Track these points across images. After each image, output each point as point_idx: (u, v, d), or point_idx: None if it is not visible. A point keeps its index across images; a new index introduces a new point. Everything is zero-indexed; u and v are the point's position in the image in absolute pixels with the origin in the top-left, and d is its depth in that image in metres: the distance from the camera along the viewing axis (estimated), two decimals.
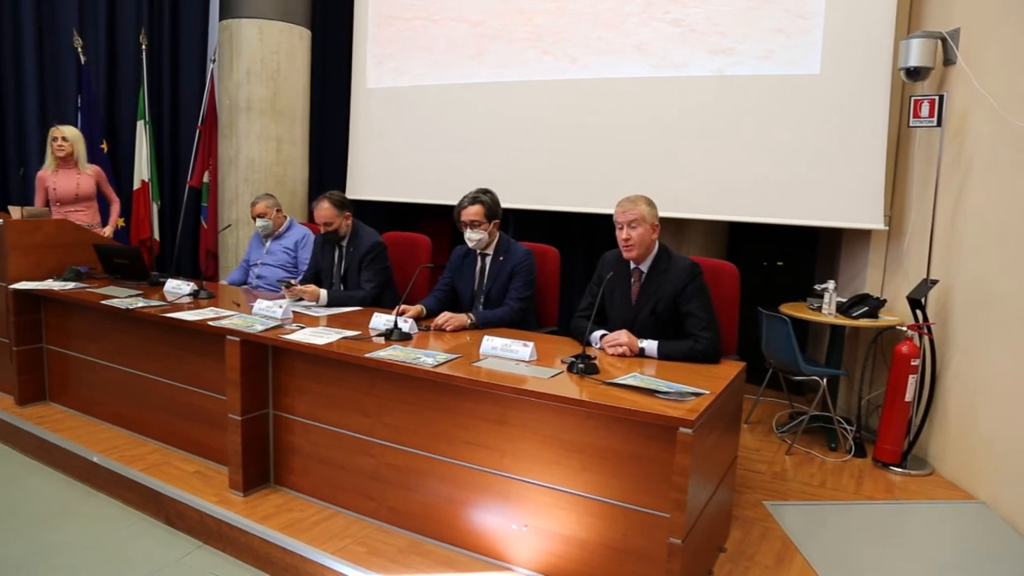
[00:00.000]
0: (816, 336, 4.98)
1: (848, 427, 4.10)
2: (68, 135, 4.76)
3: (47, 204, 4.81)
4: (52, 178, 4.79)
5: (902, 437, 3.74)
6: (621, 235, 2.94)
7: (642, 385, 2.37)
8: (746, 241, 5.33)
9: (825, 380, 3.87)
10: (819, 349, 4.74)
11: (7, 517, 3.13)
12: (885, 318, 3.97)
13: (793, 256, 5.30)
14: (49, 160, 4.81)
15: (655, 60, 4.70)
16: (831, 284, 4.03)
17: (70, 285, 4.05)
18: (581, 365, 2.54)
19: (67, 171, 4.82)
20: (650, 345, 2.81)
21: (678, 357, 2.78)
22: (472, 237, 3.46)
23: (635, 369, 2.61)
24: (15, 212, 4.35)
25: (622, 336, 2.82)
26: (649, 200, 2.96)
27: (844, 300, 4.04)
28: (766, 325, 4.01)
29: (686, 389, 2.34)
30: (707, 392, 2.34)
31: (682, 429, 2.11)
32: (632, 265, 3.02)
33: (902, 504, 3.37)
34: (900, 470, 3.70)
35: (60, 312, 4.10)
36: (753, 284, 4.74)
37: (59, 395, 4.20)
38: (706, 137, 4.56)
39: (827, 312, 4.00)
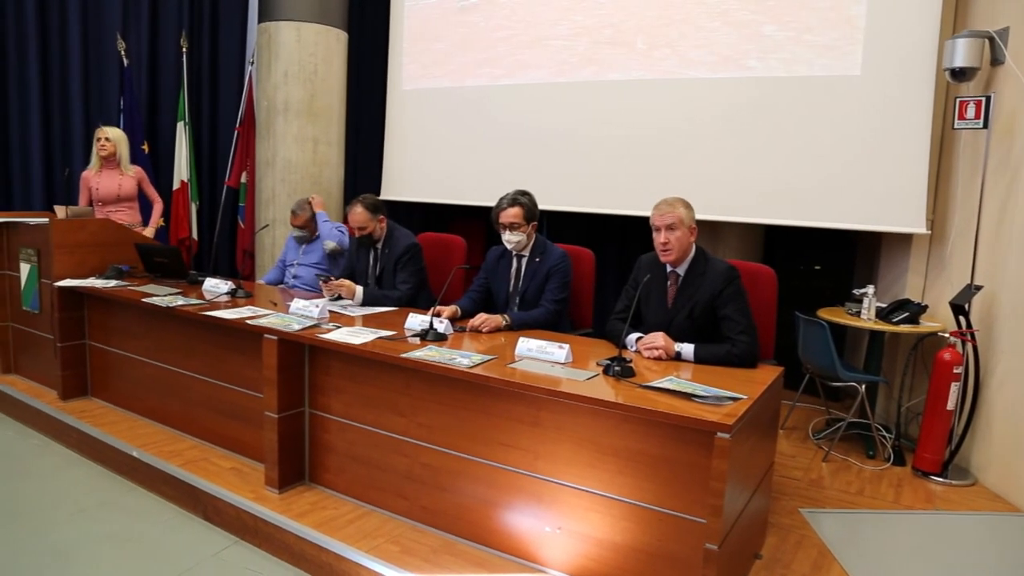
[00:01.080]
0: (854, 342, 4.90)
1: (887, 435, 4.03)
2: (111, 136, 4.86)
3: (90, 204, 4.91)
4: (95, 178, 4.89)
5: (943, 446, 3.66)
6: (659, 238, 2.91)
7: (679, 389, 2.35)
8: (783, 244, 5.26)
9: (864, 387, 3.80)
10: (857, 355, 4.66)
11: (50, 508, 3.20)
12: (926, 324, 3.90)
13: (831, 260, 5.22)
14: (94, 161, 4.92)
15: (692, 61, 4.67)
16: (870, 289, 3.97)
17: (112, 283, 4.13)
18: (617, 368, 2.52)
19: (110, 172, 4.92)
20: (686, 348, 2.78)
21: (715, 361, 2.75)
22: (511, 239, 3.46)
23: (671, 372, 2.59)
24: (60, 212, 4.45)
25: (658, 339, 2.80)
26: (687, 203, 2.93)
27: (884, 305, 3.97)
28: (803, 330, 3.95)
29: (723, 393, 2.32)
30: (745, 397, 2.32)
31: (719, 434, 2.09)
32: (668, 268, 3.00)
33: (943, 515, 3.30)
34: (941, 480, 3.62)
35: (102, 309, 4.19)
36: (790, 288, 4.67)
37: (101, 390, 4.29)
38: (743, 139, 4.52)
39: (866, 317, 3.94)
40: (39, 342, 4.48)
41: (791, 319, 4.03)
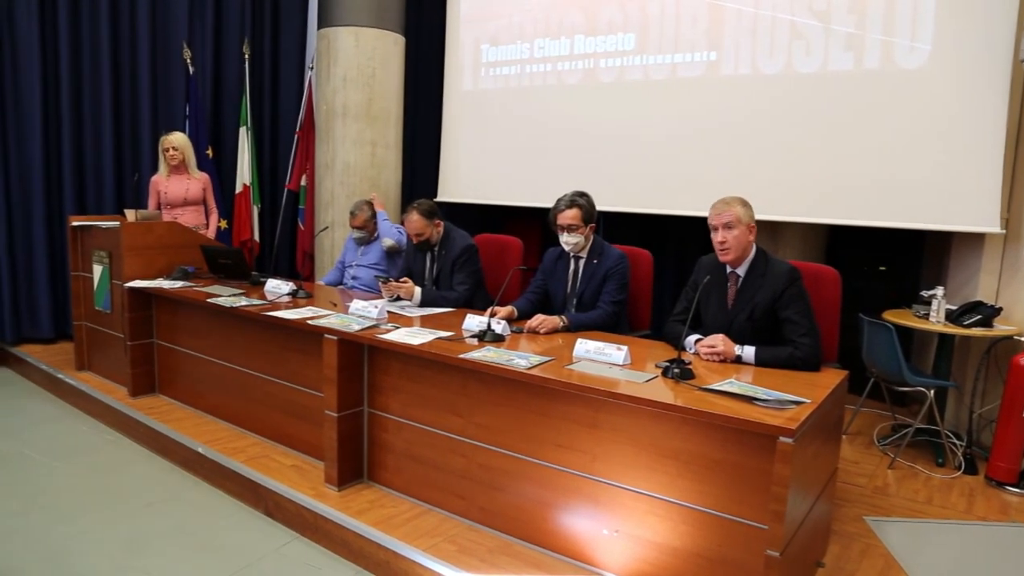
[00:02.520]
0: (921, 345, 4.74)
1: (957, 442, 3.89)
2: (177, 144, 5.01)
3: (158, 207, 5.07)
4: (164, 183, 5.06)
5: (1019, 455, 3.51)
6: (716, 238, 2.87)
7: (740, 392, 2.31)
8: (845, 245, 5.13)
9: (932, 392, 3.68)
10: (925, 359, 4.51)
11: (119, 500, 3.31)
12: (1001, 327, 3.75)
13: (896, 261, 5.07)
14: (162, 167, 5.08)
15: (751, 57, 4.59)
16: (939, 290, 3.84)
17: (178, 284, 4.26)
18: (676, 370, 2.49)
19: (178, 176, 5.08)
20: (747, 351, 2.73)
21: (776, 364, 2.70)
22: (569, 241, 3.44)
23: (731, 375, 2.55)
24: (130, 215, 4.61)
25: (718, 341, 2.76)
26: (744, 201, 2.88)
27: (954, 307, 3.84)
28: (868, 333, 3.84)
29: (786, 397, 2.27)
30: (808, 401, 2.26)
31: (782, 438, 2.05)
32: (729, 269, 2.95)
33: (1020, 527, 3.16)
34: (1017, 490, 3.48)
35: (169, 309, 4.32)
36: (853, 290, 4.55)
37: (167, 388, 4.42)
38: (804, 136, 4.42)
39: (935, 320, 3.81)
40: (110, 341, 4.65)
41: (855, 321, 3.92)
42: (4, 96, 5.26)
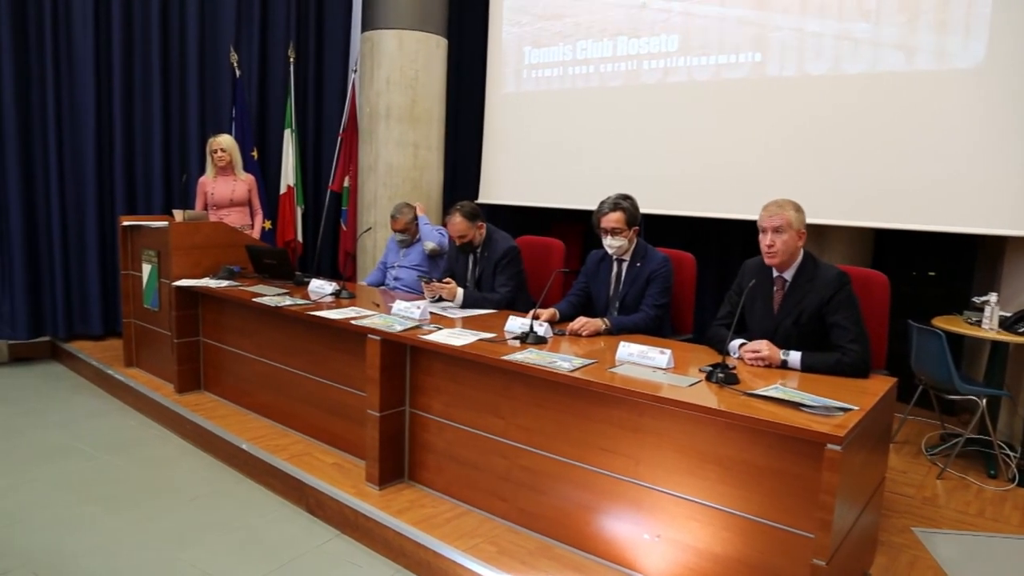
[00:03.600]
0: (972, 353, 4.62)
1: (1011, 453, 3.78)
2: (225, 145, 5.11)
3: (205, 207, 5.18)
4: (211, 184, 5.16)
5: None
6: (764, 240, 2.82)
7: (785, 397, 2.27)
8: (894, 250, 5.02)
9: (984, 400, 3.58)
10: (976, 367, 4.39)
11: (166, 494, 3.39)
12: None
13: (946, 266, 4.94)
14: (210, 168, 5.18)
15: (797, 59, 4.52)
16: (993, 297, 3.73)
17: (224, 283, 4.34)
18: (720, 374, 2.46)
19: (225, 178, 5.17)
20: (793, 356, 2.68)
21: (823, 370, 2.64)
22: (612, 244, 3.42)
23: (776, 380, 2.51)
24: (178, 215, 4.70)
25: (763, 347, 2.71)
26: (797, 205, 2.82)
27: (1008, 315, 3.73)
28: (917, 339, 3.76)
29: (833, 404, 2.23)
30: (856, 408, 2.22)
31: (830, 446, 2.01)
32: (775, 273, 2.90)
33: None
34: None
35: (215, 308, 4.40)
36: (901, 295, 4.47)
37: (212, 385, 4.51)
38: (851, 138, 4.33)
39: (988, 327, 3.70)
40: (158, 338, 4.75)
41: (903, 328, 3.84)
42: (60, 101, 5.43)
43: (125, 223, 4.95)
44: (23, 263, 5.39)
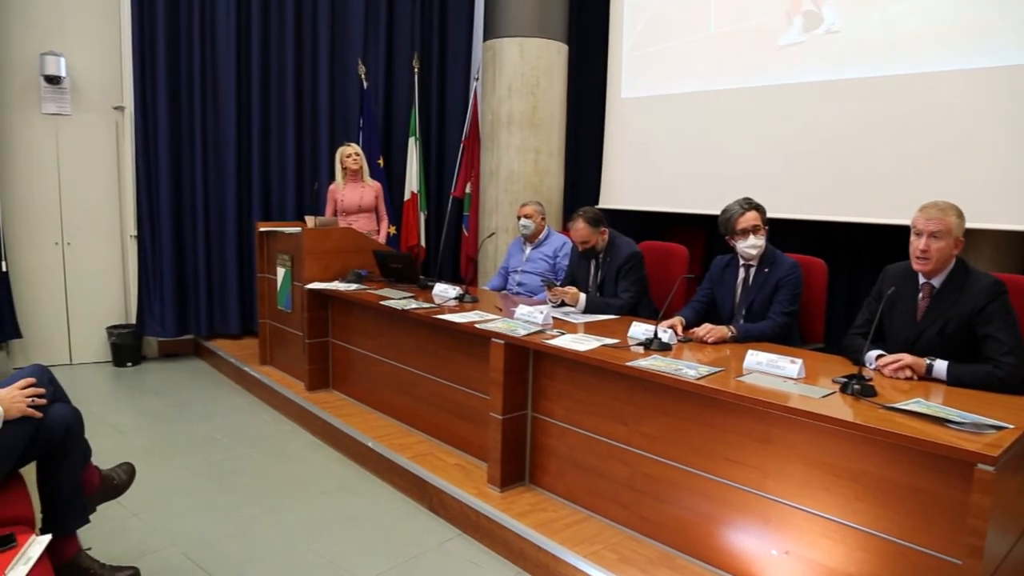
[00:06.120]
0: None
1: None
2: (359, 150, 5.34)
3: (334, 214, 5.40)
4: (340, 191, 5.39)
5: None
6: (918, 244, 2.63)
7: (929, 412, 2.11)
8: None
9: None
10: None
11: (297, 487, 3.55)
12: None
13: None
14: (339, 176, 5.41)
15: (922, 56, 4.24)
16: None
17: (353, 286, 4.50)
18: (856, 386, 2.33)
19: (354, 184, 5.39)
20: (939, 364, 2.49)
21: (973, 383, 2.44)
22: (755, 244, 3.29)
23: (919, 394, 2.34)
24: (309, 221, 4.92)
25: (906, 357, 2.55)
26: (959, 211, 2.61)
27: None
28: None
29: (983, 420, 2.05)
30: (1011, 426, 2.03)
31: (981, 466, 1.86)
32: (921, 280, 2.71)
33: None
34: None
35: (343, 310, 4.57)
36: None
37: (340, 384, 4.68)
38: (988, 134, 4.01)
39: None
40: (290, 338, 4.99)
41: None
42: (206, 113, 5.82)
43: (262, 228, 5.23)
44: (172, 268, 5.81)
